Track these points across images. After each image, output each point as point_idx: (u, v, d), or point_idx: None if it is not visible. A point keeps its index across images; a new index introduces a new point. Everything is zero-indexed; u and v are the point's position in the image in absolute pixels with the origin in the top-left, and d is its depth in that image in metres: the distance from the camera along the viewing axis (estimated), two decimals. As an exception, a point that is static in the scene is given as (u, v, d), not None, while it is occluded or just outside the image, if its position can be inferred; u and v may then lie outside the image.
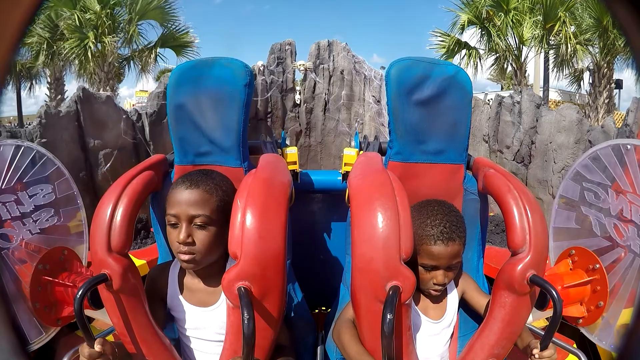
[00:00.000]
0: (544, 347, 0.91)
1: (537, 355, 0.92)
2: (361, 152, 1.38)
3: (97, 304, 1.03)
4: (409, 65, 1.17)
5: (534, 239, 0.94)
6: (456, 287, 1.15)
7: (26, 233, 1.10)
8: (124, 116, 4.56)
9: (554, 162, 4.36)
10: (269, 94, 5.78)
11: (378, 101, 5.99)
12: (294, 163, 1.40)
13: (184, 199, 0.98)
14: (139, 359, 0.98)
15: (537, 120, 4.59)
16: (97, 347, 0.87)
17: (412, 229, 0.90)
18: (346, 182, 1.22)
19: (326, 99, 6.00)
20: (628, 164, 1.06)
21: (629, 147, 1.07)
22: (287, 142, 1.49)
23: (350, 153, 1.36)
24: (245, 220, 0.89)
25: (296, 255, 1.31)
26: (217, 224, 1.00)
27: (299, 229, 1.37)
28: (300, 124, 6.10)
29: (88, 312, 1.09)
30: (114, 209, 0.97)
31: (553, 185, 4.35)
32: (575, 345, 1.37)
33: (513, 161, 4.88)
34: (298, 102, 5.99)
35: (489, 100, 5.35)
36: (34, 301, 1.04)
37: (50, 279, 1.07)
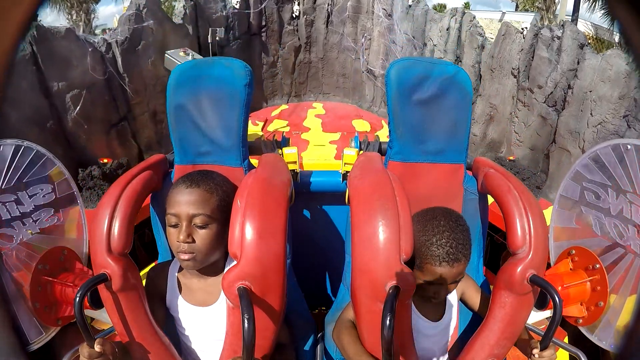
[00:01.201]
0: (544, 347, 0.91)
1: (537, 355, 0.92)
2: (361, 152, 1.38)
3: (97, 304, 1.03)
4: (409, 65, 1.18)
5: (534, 239, 0.94)
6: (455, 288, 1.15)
7: (26, 233, 1.10)
8: (89, 49, 3.83)
9: (591, 114, 3.70)
10: (262, 5, 5.07)
11: (389, 15, 5.19)
12: (294, 163, 1.40)
13: (184, 199, 0.98)
14: (139, 358, 0.98)
15: (578, 63, 3.84)
16: (97, 348, 0.87)
17: (412, 229, 0.90)
18: (346, 182, 1.22)
19: (329, 10, 5.34)
20: (628, 164, 1.06)
21: (629, 147, 1.07)
22: (289, 142, 1.49)
23: (350, 153, 1.37)
24: (245, 220, 0.89)
25: (296, 255, 1.31)
26: (218, 223, 1.00)
27: (299, 229, 1.37)
28: (299, 38, 5.43)
29: (88, 312, 1.09)
30: (113, 210, 0.98)
31: (585, 140, 3.76)
32: (566, 340, 1.37)
33: (544, 104, 4.17)
34: (297, 13, 5.30)
35: (522, 28, 4.55)
36: (34, 301, 1.04)
37: (50, 279, 1.07)
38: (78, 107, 3.83)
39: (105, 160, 4.05)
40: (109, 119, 4.28)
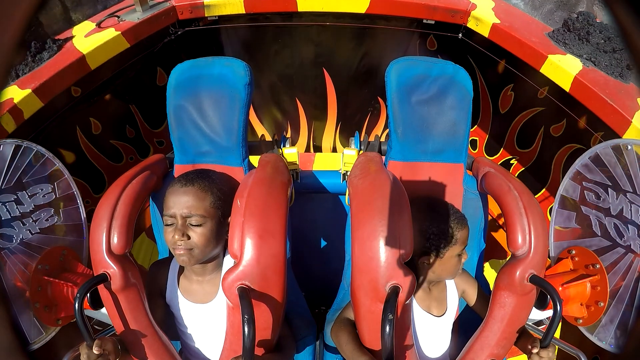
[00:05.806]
0: (543, 347, 0.91)
1: (536, 355, 0.92)
2: (361, 152, 1.37)
3: (97, 304, 1.03)
4: (408, 65, 1.18)
5: (534, 239, 0.94)
6: (456, 285, 1.15)
7: (26, 233, 1.10)
8: None
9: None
10: None
11: None
12: (294, 163, 1.40)
13: (179, 198, 0.99)
14: (138, 358, 0.98)
15: None
16: (96, 350, 0.86)
17: (412, 229, 0.90)
18: (346, 182, 1.22)
19: None
20: (628, 164, 1.06)
21: (629, 147, 1.07)
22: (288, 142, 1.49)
23: (350, 153, 1.37)
24: (245, 220, 0.89)
25: (296, 255, 1.31)
26: (213, 221, 1.00)
27: (299, 229, 1.37)
28: None
29: (88, 312, 1.09)
30: (113, 210, 0.98)
31: None
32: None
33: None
34: None
35: None
36: (34, 301, 1.04)
37: (50, 279, 1.07)
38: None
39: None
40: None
